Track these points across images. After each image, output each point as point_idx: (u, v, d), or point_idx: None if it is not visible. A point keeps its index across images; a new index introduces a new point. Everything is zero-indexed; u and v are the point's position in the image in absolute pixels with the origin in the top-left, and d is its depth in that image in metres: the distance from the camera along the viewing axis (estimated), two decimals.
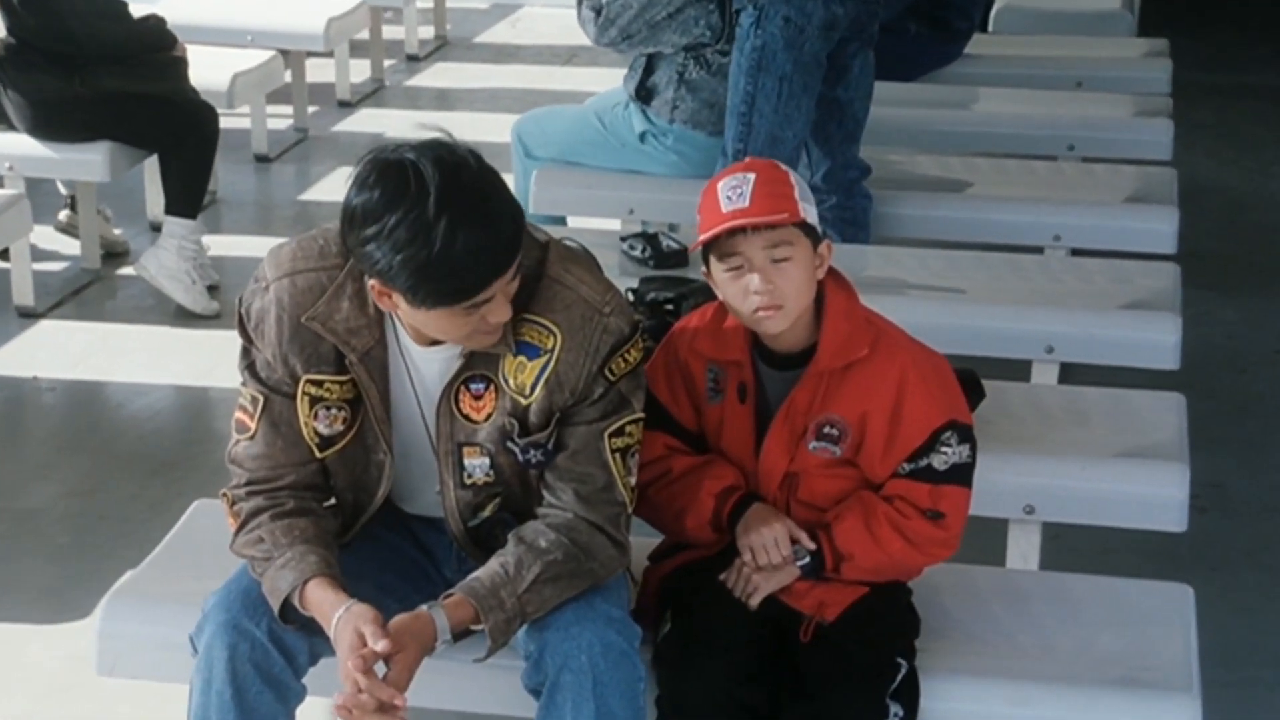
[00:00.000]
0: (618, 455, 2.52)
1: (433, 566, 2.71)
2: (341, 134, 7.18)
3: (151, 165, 5.69)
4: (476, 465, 2.54)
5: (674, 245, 4.19)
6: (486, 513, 2.59)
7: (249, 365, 2.55)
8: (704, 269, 2.66)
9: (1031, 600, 2.88)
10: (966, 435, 2.65)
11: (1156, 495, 3.19)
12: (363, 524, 2.63)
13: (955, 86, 5.78)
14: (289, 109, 7.13)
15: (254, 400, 2.54)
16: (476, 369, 2.49)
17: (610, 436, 2.51)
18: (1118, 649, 2.74)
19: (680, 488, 2.68)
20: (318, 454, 2.55)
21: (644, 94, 4.67)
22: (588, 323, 2.47)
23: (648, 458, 2.67)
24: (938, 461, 2.62)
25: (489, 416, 2.50)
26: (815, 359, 2.62)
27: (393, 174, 2.32)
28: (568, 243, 2.58)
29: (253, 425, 2.54)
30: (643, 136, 4.71)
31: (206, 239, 5.45)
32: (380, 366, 2.51)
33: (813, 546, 2.62)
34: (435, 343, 2.49)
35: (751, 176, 2.58)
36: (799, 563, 2.62)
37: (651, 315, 3.55)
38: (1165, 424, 3.37)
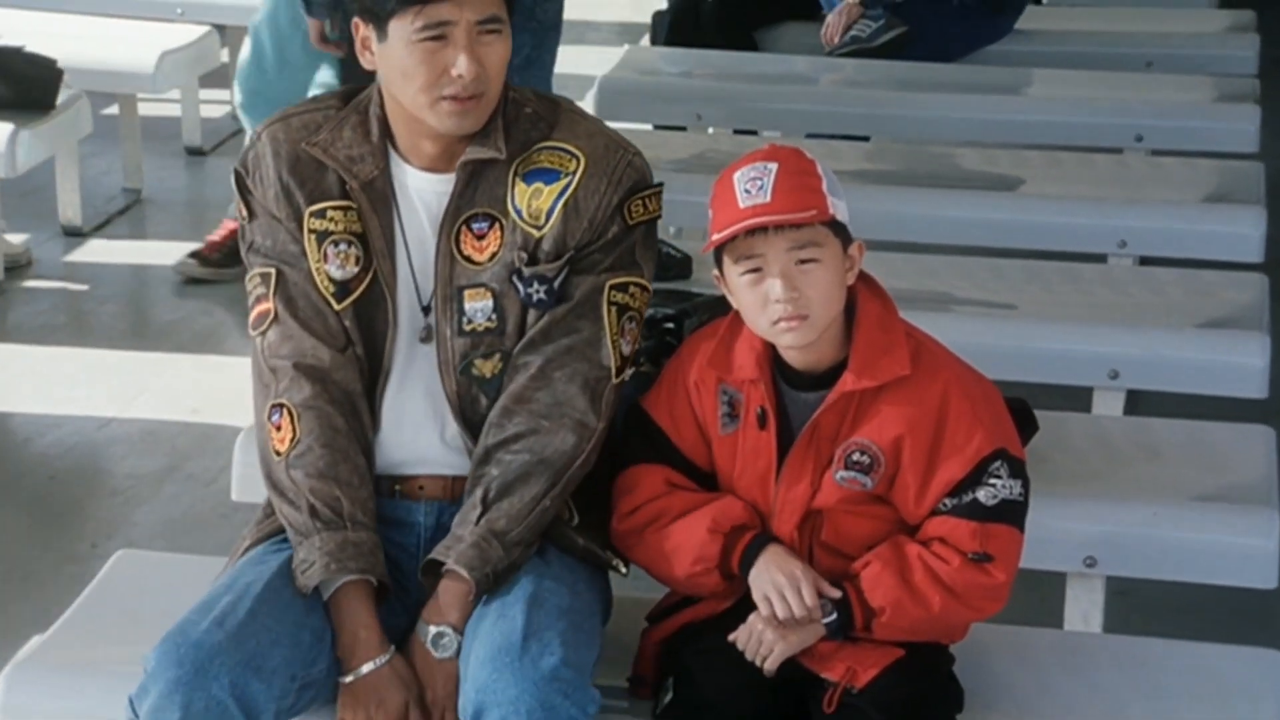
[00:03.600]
0: (614, 310, 2.72)
1: (399, 587, 2.72)
2: None
3: (63, 158, 5.71)
4: (478, 309, 2.72)
5: (675, 253, 4.21)
6: (487, 373, 2.72)
7: (250, 245, 2.78)
8: (715, 273, 2.68)
9: (1095, 667, 2.89)
10: (1019, 470, 2.66)
11: (1242, 545, 3.19)
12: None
13: (1004, 68, 5.80)
14: (226, 94, 7.13)
15: (265, 278, 2.75)
16: (480, 205, 2.71)
17: (612, 289, 2.72)
18: None
19: (682, 526, 2.69)
20: (335, 305, 2.73)
21: None
22: (611, 153, 2.73)
23: (646, 495, 2.70)
24: (985, 496, 2.63)
25: (494, 255, 2.71)
26: (845, 376, 2.63)
27: None
28: None
29: (271, 305, 2.74)
30: None
31: (127, 244, 5.42)
32: (383, 200, 2.73)
33: (836, 594, 2.63)
34: (434, 170, 2.71)
35: (773, 167, 2.61)
36: (825, 619, 2.64)
37: (649, 334, 3.55)
38: (1251, 461, 3.38)
